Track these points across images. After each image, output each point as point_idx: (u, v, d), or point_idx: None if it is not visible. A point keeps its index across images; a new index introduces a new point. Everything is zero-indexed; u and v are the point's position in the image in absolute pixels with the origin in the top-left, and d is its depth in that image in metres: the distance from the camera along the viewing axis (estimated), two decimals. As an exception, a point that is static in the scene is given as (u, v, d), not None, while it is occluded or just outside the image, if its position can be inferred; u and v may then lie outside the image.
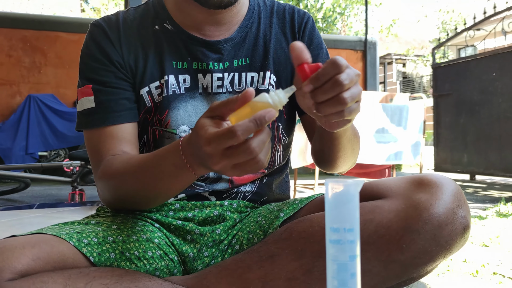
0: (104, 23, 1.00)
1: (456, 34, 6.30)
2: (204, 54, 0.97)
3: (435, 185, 0.74)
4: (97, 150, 0.92)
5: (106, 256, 0.79)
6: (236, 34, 1.00)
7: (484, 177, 6.57)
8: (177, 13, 0.99)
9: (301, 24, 1.06)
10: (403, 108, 3.51)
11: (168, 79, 0.96)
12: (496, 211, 3.34)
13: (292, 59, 0.67)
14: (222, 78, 0.97)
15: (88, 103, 0.94)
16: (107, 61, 0.96)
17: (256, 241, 0.92)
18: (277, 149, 1.05)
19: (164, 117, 0.95)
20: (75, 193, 3.69)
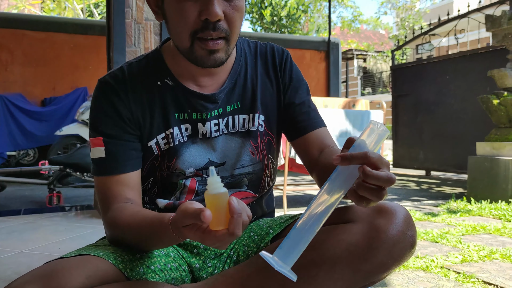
0: (112, 81, 1.09)
1: (413, 38, 6.69)
2: (202, 105, 1.11)
3: (390, 212, 0.98)
4: (106, 195, 1.05)
5: (137, 271, 0.99)
6: (227, 83, 1.13)
7: (438, 173, 7.03)
8: (175, 67, 1.11)
9: (281, 62, 1.20)
10: (364, 114, 3.80)
11: (173, 131, 1.09)
12: (447, 208, 3.69)
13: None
14: (218, 124, 1.12)
15: (99, 153, 1.06)
16: (117, 117, 1.06)
17: (250, 252, 1.14)
18: (267, 176, 1.25)
19: (173, 163, 1.12)
20: (52, 196, 3.80)
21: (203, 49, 0.99)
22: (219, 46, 0.99)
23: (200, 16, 0.96)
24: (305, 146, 1.19)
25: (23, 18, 6.98)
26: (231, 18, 0.99)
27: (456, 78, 6.07)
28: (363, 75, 23.05)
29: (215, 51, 1.00)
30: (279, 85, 1.20)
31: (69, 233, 2.61)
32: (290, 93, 1.20)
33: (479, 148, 4.09)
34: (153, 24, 2.85)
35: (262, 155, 1.20)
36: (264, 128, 1.19)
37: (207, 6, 0.94)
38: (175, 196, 1.15)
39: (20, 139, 6.18)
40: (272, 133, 1.22)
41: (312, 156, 1.17)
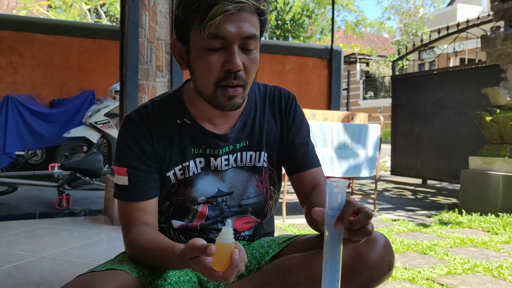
0: (137, 118, 1.24)
1: (413, 50, 6.86)
2: (215, 143, 1.27)
3: (372, 240, 1.15)
4: (127, 218, 1.22)
5: (156, 283, 1.17)
6: (238, 124, 1.29)
7: (434, 181, 7.19)
8: (193, 108, 1.26)
9: (287, 106, 1.36)
10: (362, 127, 3.97)
11: (189, 164, 1.25)
12: (438, 219, 3.86)
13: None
14: (228, 159, 1.29)
15: (123, 181, 1.22)
16: (140, 151, 1.21)
17: (252, 268, 1.31)
18: (269, 204, 1.42)
19: (187, 192, 1.28)
20: (62, 198, 3.97)
21: (224, 95, 1.15)
22: (237, 92, 1.15)
23: (223, 67, 1.11)
24: (300, 182, 1.35)
25: (33, 21, 7.15)
26: (249, 69, 1.15)
27: (454, 91, 6.23)
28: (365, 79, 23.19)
29: (234, 97, 1.15)
30: (283, 125, 1.36)
31: (83, 239, 2.78)
32: (292, 133, 1.36)
33: (472, 162, 4.26)
34: (164, 43, 3.02)
35: (266, 187, 1.37)
36: (267, 164, 1.36)
37: (230, 59, 1.09)
38: (188, 219, 1.32)
39: (28, 139, 6.35)
40: (273, 168, 1.38)
41: (305, 191, 1.34)
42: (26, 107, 6.38)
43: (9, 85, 6.69)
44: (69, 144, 6.06)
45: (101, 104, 6.10)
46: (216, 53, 1.10)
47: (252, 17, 1.10)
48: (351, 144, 3.95)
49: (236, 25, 1.07)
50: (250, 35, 1.09)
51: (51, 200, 4.41)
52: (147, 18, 2.94)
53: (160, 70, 3.02)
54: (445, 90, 6.37)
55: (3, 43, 6.66)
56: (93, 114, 6.01)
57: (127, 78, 2.91)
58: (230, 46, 1.09)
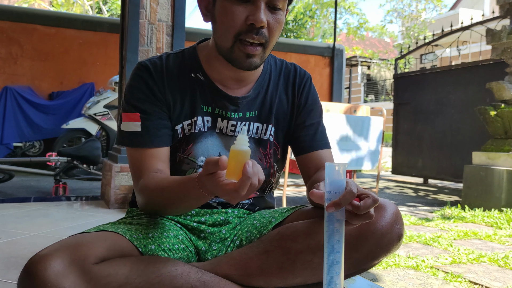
0: (152, 66, 1.21)
1: (416, 48, 6.80)
2: (225, 105, 1.24)
3: (380, 206, 1.08)
4: (139, 166, 1.17)
5: (149, 248, 1.10)
6: (251, 93, 1.26)
7: (436, 181, 7.13)
8: (208, 66, 1.23)
9: (301, 85, 1.33)
10: (365, 119, 3.91)
11: (196, 119, 1.22)
12: (441, 214, 3.79)
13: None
14: (235, 125, 1.25)
15: (134, 127, 1.17)
16: (153, 96, 1.18)
17: (252, 238, 1.25)
18: (271, 182, 1.37)
19: (188, 148, 1.23)
20: (58, 186, 3.91)
21: (241, 51, 1.11)
22: (256, 52, 1.12)
23: (246, 20, 1.08)
24: (306, 163, 1.31)
25: (34, 12, 7.10)
26: (272, 28, 1.12)
27: (457, 89, 6.18)
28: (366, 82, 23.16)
29: (252, 55, 1.12)
30: (294, 104, 1.32)
31: (78, 220, 2.72)
32: (303, 114, 1.32)
33: (475, 158, 4.20)
34: (165, 25, 2.97)
35: (270, 162, 1.32)
36: (273, 139, 1.31)
37: (254, 13, 1.07)
38: None
39: (27, 130, 6.30)
40: (278, 144, 1.33)
41: (309, 173, 1.29)
42: (25, 98, 6.32)
43: (8, 76, 6.64)
44: (67, 135, 6.00)
45: (100, 96, 6.05)
46: (242, 5, 1.08)
47: None
48: (353, 137, 3.89)
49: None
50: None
51: (48, 189, 4.35)
52: (148, -2, 2.89)
53: (160, 52, 2.96)
54: (447, 88, 6.32)
55: (3, 34, 6.61)
56: (92, 106, 5.95)
57: (127, 59, 2.85)
58: (257, 1, 1.07)
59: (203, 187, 0.92)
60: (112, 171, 3.07)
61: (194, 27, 7.48)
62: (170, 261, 1.06)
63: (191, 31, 7.03)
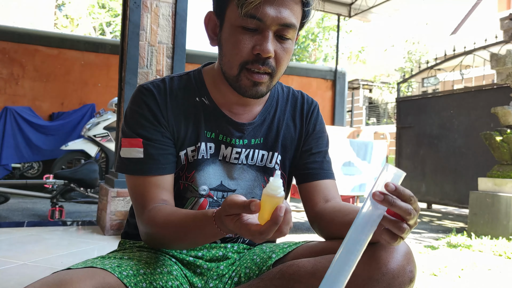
0: (155, 90, 1.15)
1: (418, 72, 6.78)
2: (230, 131, 1.17)
3: (392, 246, 1.00)
4: (142, 196, 1.09)
5: (140, 286, 1.02)
6: (258, 118, 1.20)
7: (439, 206, 7.01)
8: (213, 90, 1.18)
9: (309, 112, 1.28)
10: (368, 144, 3.84)
11: (200, 145, 1.15)
12: (447, 242, 3.68)
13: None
14: (240, 152, 1.18)
15: (137, 153, 1.10)
16: (156, 122, 1.12)
17: (252, 275, 1.16)
18: None
19: (191, 175, 1.16)
20: (55, 209, 3.82)
21: (248, 79, 1.06)
22: (263, 79, 1.07)
23: (253, 50, 1.03)
24: (310, 193, 1.23)
25: (36, 33, 7.11)
26: (280, 58, 1.06)
27: (460, 113, 6.12)
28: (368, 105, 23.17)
29: (259, 83, 1.07)
30: (301, 132, 1.27)
31: (71, 247, 2.62)
32: (310, 141, 1.26)
33: (481, 184, 4.11)
34: (165, 47, 2.93)
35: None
36: (279, 168, 1.24)
37: (262, 43, 1.02)
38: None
39: (25, 151, 6.23)
40: (285, 173, 1.26)
41: (315, 204, 1.21)
42: (24, 119, 6.28)
43: (9, 96, 6.62)
44: (66, 157, 5.93)
45: (100, 117, 6.00)
46: (249, 34, 1.03)
47: (295, 5, 1.04)
48: (356, 161, 3.81)
49: (276, 9, 1.01)
50: (289, 23, 1.03)
51: (44, 212, 4.25)
52: (148, 20, 2.85)
53: (160, 75, 2.91)
54: (450, 112, 6.26)
55: (5, 55, 6.61)
56: (92, 127, 5.90)
57: (126, 81, 2.80)
58: (265, 30, 1.02)
59: (221, 226, 0.87)
60: (108, 196, 2.99)
61: (195, 49, 7.47)
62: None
63: (192, 53, 7.03)
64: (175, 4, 2.91)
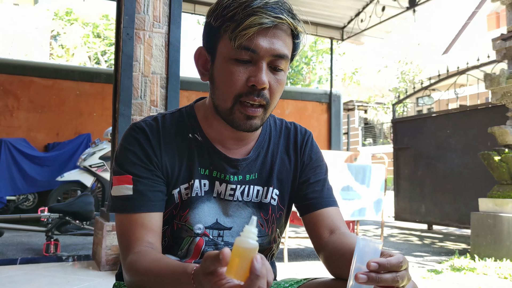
0: (148, 128, 1.12)
1: (413, 92, 6.80)
2: (224, 168, 1.14)
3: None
4: (128, 237, 1.04)
5: None
6: (252, 154, 1.17)
7: (440, 227, 6.94)
8: (206, 125, 1.15)
9: (302, 144, 1.25)
10: (366, 167, 3.81)
11: (193, 183, 1.11)
12: (450, 265, 3.62)
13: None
14: (235, 189, 1.15)
15: (127, 190, 1.07)
16: (148, 161, 1.09)
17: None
18: (272, 249, 1.24)
19: (185, 214, 1.11)
20: (50, 243, 3.74)
21: (242, 113, 1.04)
22: (257, 113, 1.05)
23: (248, 81, 1.01)
24: (314, 223, 1.18)
25: (31, 65, 7.13)
26: (274, 90, 1.05)
27: (456, 133, 6.12)
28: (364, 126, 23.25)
29: (253, 117, 1.05)
30: (297, 163, 1.23)
31: (65, 286, 2.54)
32: (307, 172, 1.23)
33: (482, 205, 4.07)
34: (159, 77, 2.91)
35: (272, 228, 1.21)
36: (278, 203, 1.20)
37: (256, 74, 1.00)
38: (182, 252, 1.14)
39: (20, 183, 6.16)
40: (284, 208, 1.23)
41: (320, 235, 1.16)
42: (19, 150, 6.23)
43: (4, 128, 6.59)
44: (62, 188, 5.86)
45: (96, 147, 5.95)
46: (243, 66, 1.02)
47: (287, 37, 1.04)
48: (355, 185, 3.77)
49: (269, 41, 1.01)
50: (282, 54, 1.03)
51: (39, 246, 4.17)
52: (142, 51, 2.84)
53: (154, 105, 2.89)
54: (447, 132, 6.26)
55: (0, 86, 6.60)
56: (87, 157, 5.85)
57: (120, 113, 2.77)
58: (259, 61, 1.01)
59: (199, 286, 0.78)
60: (103, 230, 2.93)
61: (189, 76, 7.49)
62: None
63: (186, 80, 7.04)
64: (168, 34, 2.91)
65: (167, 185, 1.12)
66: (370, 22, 7.18)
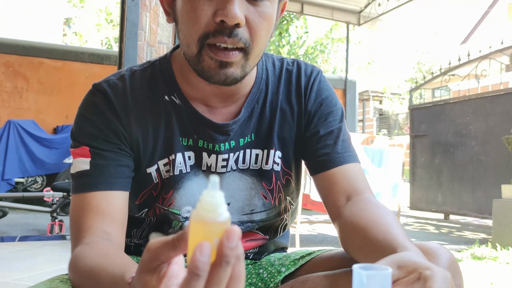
0: (110, 90, 0.90)
1: (432, 78, 6.56)
2: (211, 136, 0.92)
3: (430, 253, 0.79)
4: (79, 222, 0.82)
5: None
6: (244, 112, 0.94)
7: (458, 217, 6.73)
8: (184, 83, 0.92)
9: (307, 87, 0.98)
10: (383, 150, 3.62)
11: (175, 158, 0.91)
12: (471, 254, 3.44)
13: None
14: (227, 159, 0.93)
15: (83, 164, 0.85)
16: (110, 132, 0.88)
17: (258, 294, 0.96)
18: (284, 219, 1.05)
19: (168, 196, 0.92)
20: (54, 224, 3.64)
21: (212, 58, 0.79)
22: (233, 58, 0.79)
23: (214, 17, 0.77)
24: (326, 188, 0.94)
25: (41, 46, 7.03)
26: (255, 26, 0.79)
27: (477, 120, 5.88)
28: (379, 117, 22.94)
29: (227, 63, 0.80)
30: (301, 114, 0.98)
31: (61, 263, 2.44)
32: (316, 122, 0.97)
33: (505, 191, 3.86)
34: (166, 47, 2.76)
35: (279, 198, 0.99)
36: (282, 167, 0.98)
37: (225, 6, 0.75)
38: (174, 230, 0.96)
39: (29, 165, 6.10)
40: (290, 171, 1.00)
41: (335, 202, 0.91)
42: (28, 132, 6.15)
43: (13, 110, 6.52)
44: (69, 170, 5.77)
45: (105, 129, 5.86)
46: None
47: None
48: (371, 169, 3.60)
49: None
50: None
51: (44, 227, 4.08)
52: (147, 19, 2.69)
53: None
54: (467, 119, 6.02)
55: (9, 68, 6.53)
56: (96, 140, 5.76)
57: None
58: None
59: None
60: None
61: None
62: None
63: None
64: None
65: (139, 162, 0.91)
66: (388, 6, 6.93)
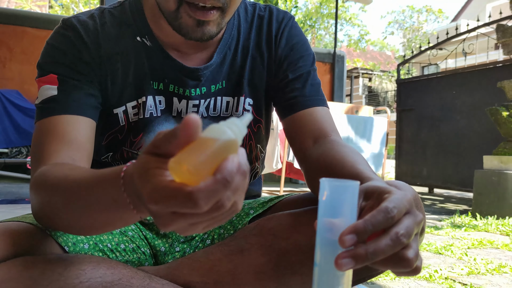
0: (81, 27, 0.89)
1: (420, 52, 6.55)
2: (182, 80, 0.93)
3: (398, 185, 0.79)
4: (43, 145, 0.80)
5: (80, 247, 0.81)
6: (216, 58, 0.95)
7: (441, 190, 6.82)
8: (156, 28, 0.92)
9: (278, 33, 0.99)
10: (368, 120, 3.64)
11: (146, 101, 0.91)
12: (451, 222, 3.49)
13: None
14: (198, 105, 0.95)
15: (50, 91, 0.85)
16: (80, 63, 0.87)
17: (226, 236, 0.96)
18: (256, 167, 1.07)
19: (138, 140, 0.93)
20: (37, 192, 3.62)
21: (190, 17, 0.81)
22: (211, 17, 0.81)
23: None
24: (294, 131, 0.96)
25: (24, 15, 6.87)
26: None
27: (463, 93, 5.90)
28: (368, 94, 22.98)
29: (205, 22, 0.82)
30: (271, 60, 0.99)
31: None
32: (286, 67, 0.98)
33: (486, 162, 3.91)
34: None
35: (250, 146, 1.01)
36: (253, 113, 0.99)
37: None
38: None
39: (13, 136, 6.02)
40: (261, 118, 1.02)
41: (302, 144, 0.93)
42: (12, 102, 6.06)
43: (-4, 80, 6.40)
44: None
45: (90, 100, 5.79)
46: None
47: None
48: (355, 138, 3.61)
49: None
50: None
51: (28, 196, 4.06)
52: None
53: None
54: (453, 93, 6.04)
55: (-8, 37, 6.38)
56: (81, 110, 5.70)
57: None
58: None
59: (128, 188, 0.52)
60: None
61: None
62: (104, 263, 0.76)
63: None
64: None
65: (106, 99, 0.90)
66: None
